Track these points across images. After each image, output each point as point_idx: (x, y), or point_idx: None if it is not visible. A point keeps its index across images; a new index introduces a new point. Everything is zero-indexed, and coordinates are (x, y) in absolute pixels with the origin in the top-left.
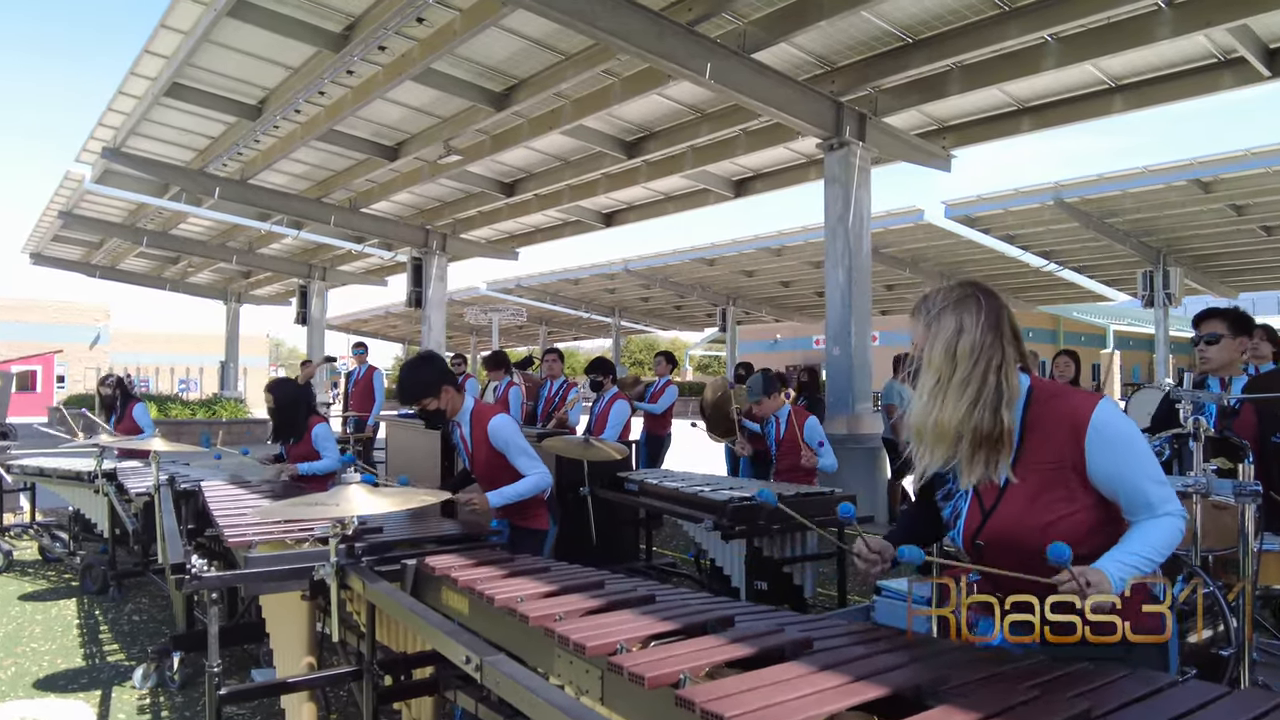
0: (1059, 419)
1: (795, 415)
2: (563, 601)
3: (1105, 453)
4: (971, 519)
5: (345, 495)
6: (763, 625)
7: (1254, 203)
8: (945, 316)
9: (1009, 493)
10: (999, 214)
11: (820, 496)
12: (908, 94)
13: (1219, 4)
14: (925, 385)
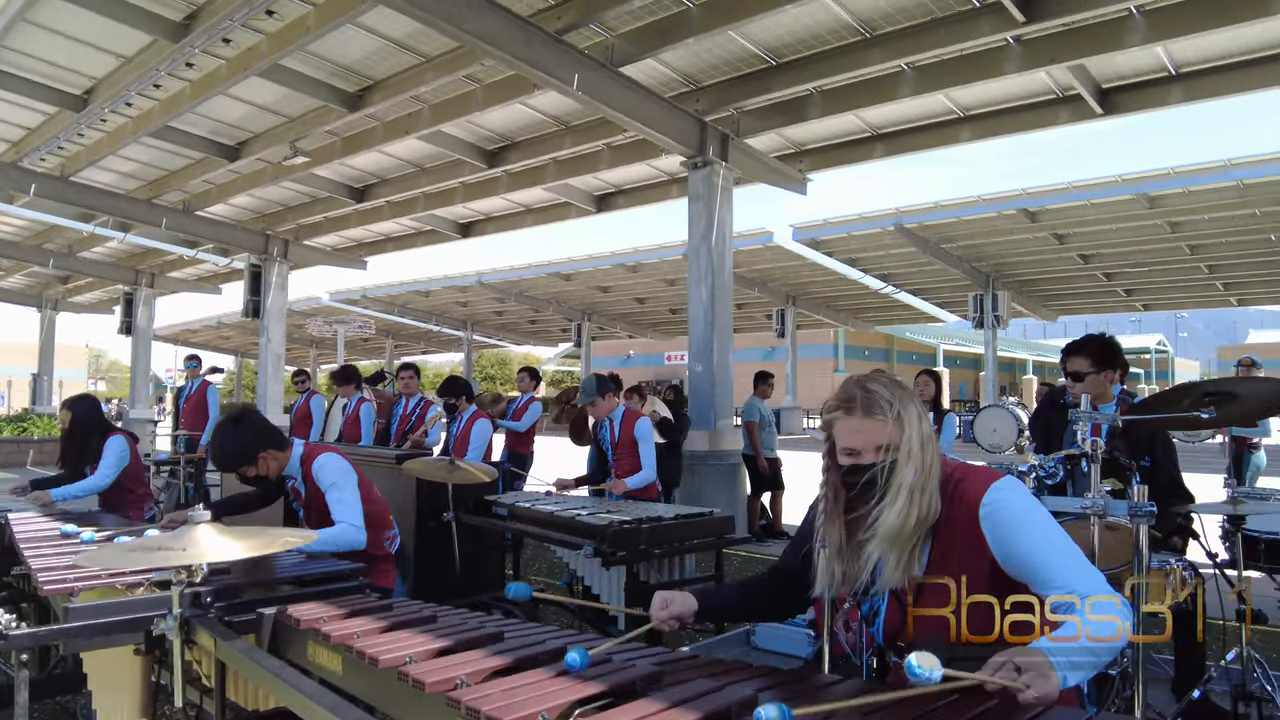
0: (958, 502)
1: (627, 415)
2: (461, 661)
3: (1003, 531)
4: (892, 618)
5: (193, 537)
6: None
7: (1074, 232)
8: (908, 406)
9: (930, 587)
10: (843, 238)
11: (702, 518)
12: (769, 116)
13: (1061, 43)
14: (906, 482)
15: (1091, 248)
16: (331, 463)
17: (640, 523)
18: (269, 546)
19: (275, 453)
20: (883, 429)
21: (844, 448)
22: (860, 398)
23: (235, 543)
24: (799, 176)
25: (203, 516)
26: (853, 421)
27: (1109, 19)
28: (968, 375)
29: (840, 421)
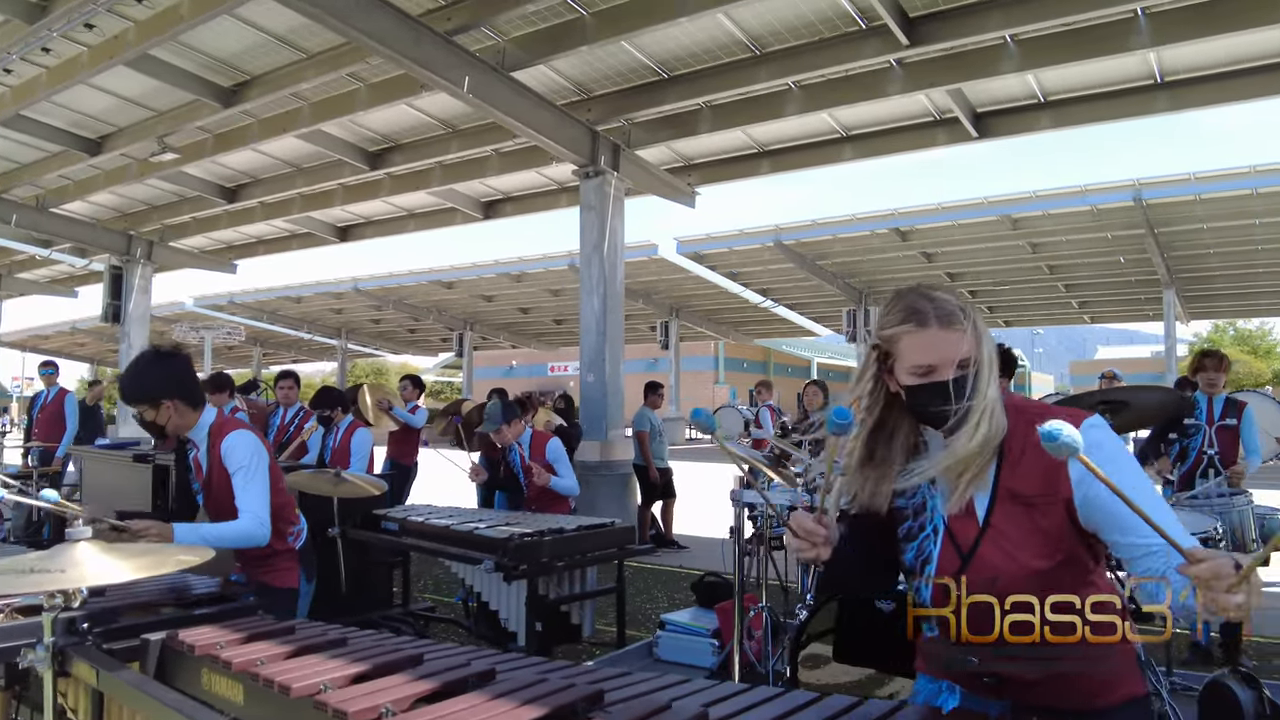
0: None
1: (536, 439)
2: (382, 687)
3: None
4: (946, 562)
5: (73, 557)
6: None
7: (942, 251)
8: (977, 315)
9: (994, 528)
10: (725, 252)
11: (604, 529)
12: (660, 129)
13: (941, 68)
14: (990, 397)
15: (958, 266)
16: (245, 443)
17: (542, 535)
18: (161, 566)
19: (184, 407)
20: (962, 340)
21: (916, 365)
22: (932, 309)
23: (122, 562)
24: (688, 190)
25: (83, 533)
26: (928, 334)
27: (986, 46)
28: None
29: (909, 336)
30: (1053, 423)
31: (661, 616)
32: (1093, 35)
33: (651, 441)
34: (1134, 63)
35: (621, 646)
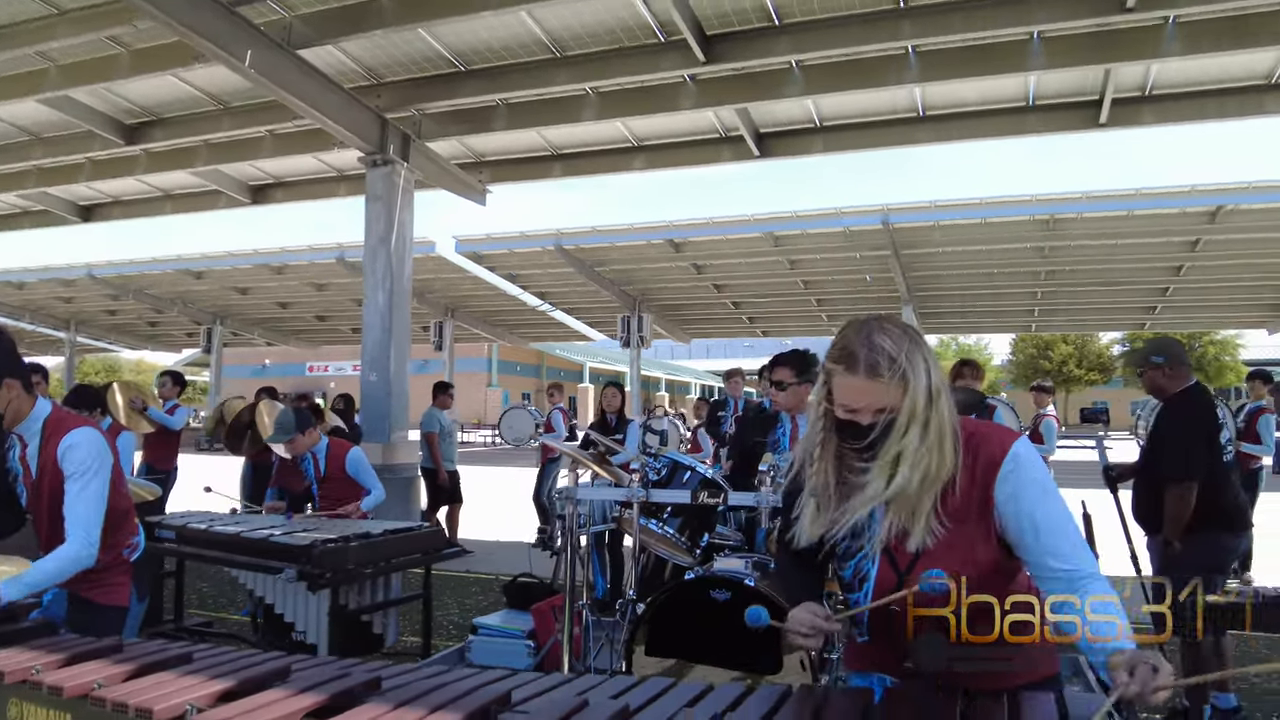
0: (976, 456)
1: (334, 450)
2: (262, 705)
3: (1017, 490)
4: (883, 581)
5: None
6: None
7: (710, 264)
8: (915, 356)
9: (931, 551)
10: (505, 254)
11: (412, 533)
12: (453, 122)
13: (731, 87)
14: (910, 446)
15: (724, 278)
16: (88, 442)
17: (348, 540)
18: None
19: (22, 391)
20: (884, 391)
21: (841, 404)
22: (864, 356)
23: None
24: (479, 187)
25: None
26: (852, 380)
27: (774, 69)
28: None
29: (839, 376)
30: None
31: (473, 621)
32: (868, 67)
33: (441, 443)
34: (902, 95)
35: (428, 655)
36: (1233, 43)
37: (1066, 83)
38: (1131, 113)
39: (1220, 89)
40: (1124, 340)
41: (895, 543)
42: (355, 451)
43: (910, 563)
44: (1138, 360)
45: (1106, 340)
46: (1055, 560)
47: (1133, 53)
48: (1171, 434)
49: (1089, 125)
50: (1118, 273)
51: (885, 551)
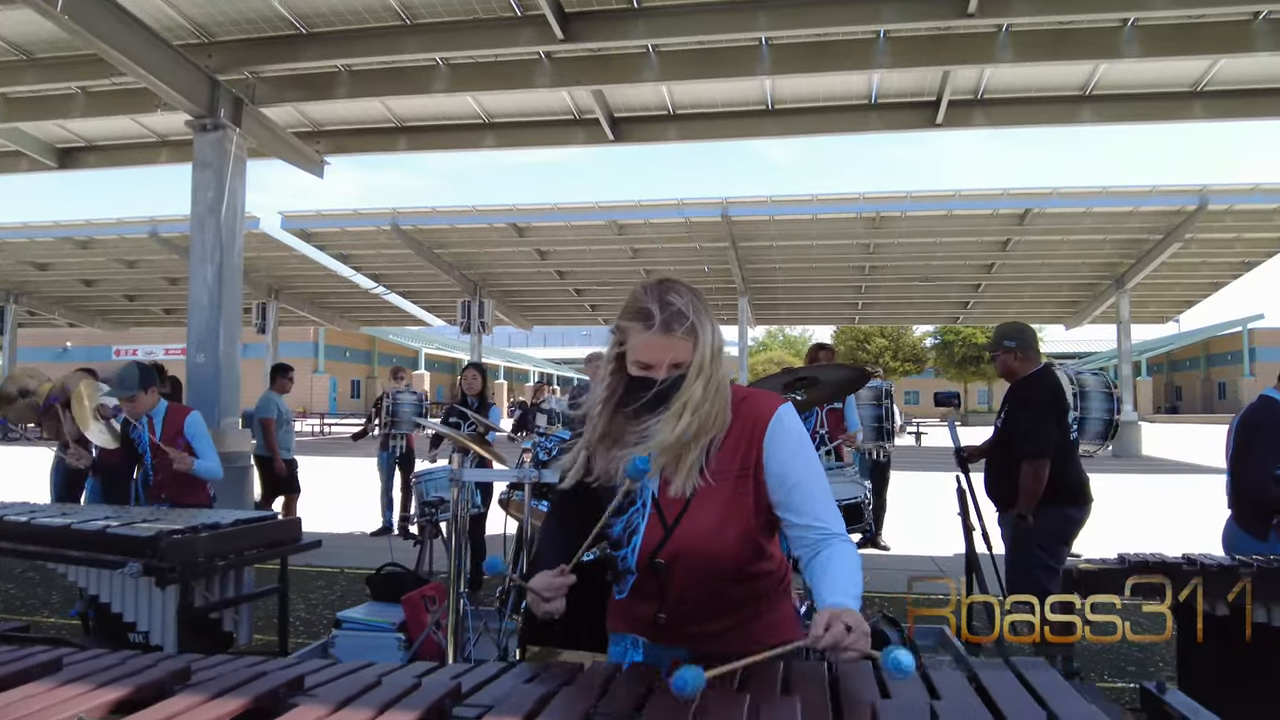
0: (743, 420)
1: (172, 413)
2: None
3: (783, 453)
4: (651, 534)
5: None
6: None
7: (555, 250)
8: (703, 317)
9: (696, 503)
10: (336, 232)
11: (265, 523)
12: (289, 88)
13: (588, 68)
14: (694, 398)
15: (567, 265)
16: None
17: (196, 531)
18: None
19: None
20: (679, 346)
21: (637, 360)
22: (658, 314)
23: None
24: (316, 158)
25: None
26: (649, 337)
27: (631, 53)
28: (445, 379)
29: (636, 334)
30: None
31: (337, 615)
32: (723, 56)
33: (278, 430)
34: (754, 87)
35: (285, 653)
36: (1055, 54)
37: (907, 83)
38: (965, 115)
39: (1042, 97)
40: (936, 334)
41: (664, 494)
42: (196, 415)
43: (678, 515)
44: (991, 345)
45: (920, 333)
46: (809, 519)
47: (970, 57)
48: (1025, 413)
49: (926, 125)
50: (935, 269)
51: (656, 505)
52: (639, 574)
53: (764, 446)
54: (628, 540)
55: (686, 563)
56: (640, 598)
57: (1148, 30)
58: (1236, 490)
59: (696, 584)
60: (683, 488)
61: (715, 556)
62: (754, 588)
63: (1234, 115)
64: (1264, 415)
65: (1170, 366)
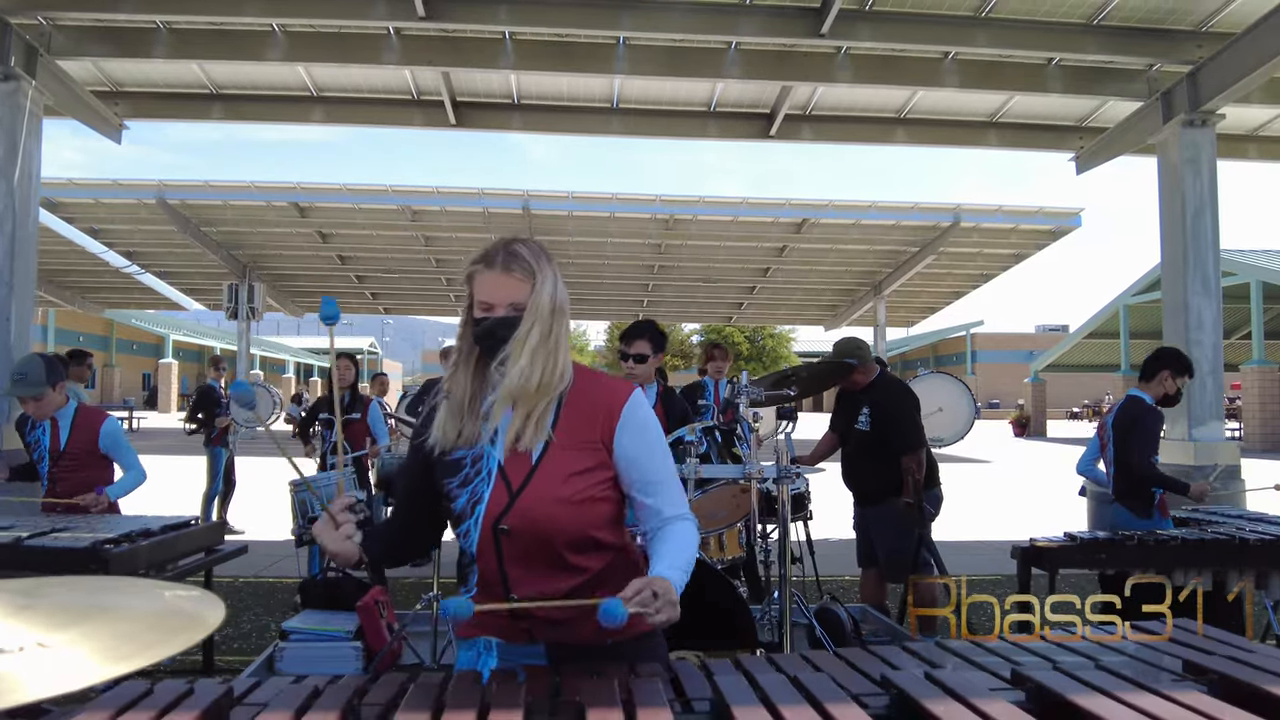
0: (594, 396)
1: (83, 416)
2: None
3: (636, 436)
4: (496, 501)
5: None
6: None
7: (339, 233)
8: (545, 266)
9: (543, 468)
10: (90, 204)
11: (190, 528)
12: (90, 41)
13: (438, 48)
14: (530, 341)
15: (352, 249)
16: None
17: (133, 540)
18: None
19: None
20: (518, 286)
21: (480, 300)
22: (502, 254)
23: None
24: (115, 121)
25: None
26: (490, 275)
27: (487, 38)
28: (193, 369)
29: (479, 275)
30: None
31: (283, 625)
32: (581, 51)
33: None
34: (602, 84)
35: (208, 670)
36: (884, 77)
37: (746, 94)
38: (795, 129)
39: (864, 117)
40: (702, 331)
41: (511, 463)
42: (113, 422)
43: (524, 481)
44: (834, 367)
45: (688, 330)
46: (653, 499)
47: (812, 74)
48: (901, 412)
49: (760, 136)
50: (718, 271)
51: (501, 472)
52: (480, 550)
53: (618, 426)
54: (471, 511)
55: (531, 528)
56: (486, 589)
57: (965, 64)
58: (1120, 476)
59: (540, 551)
60: (530, 442)
61: (561, 519)
62: (601, 563)
63: (1024, 145)
64: (1136, 411)
65: (904, 365)
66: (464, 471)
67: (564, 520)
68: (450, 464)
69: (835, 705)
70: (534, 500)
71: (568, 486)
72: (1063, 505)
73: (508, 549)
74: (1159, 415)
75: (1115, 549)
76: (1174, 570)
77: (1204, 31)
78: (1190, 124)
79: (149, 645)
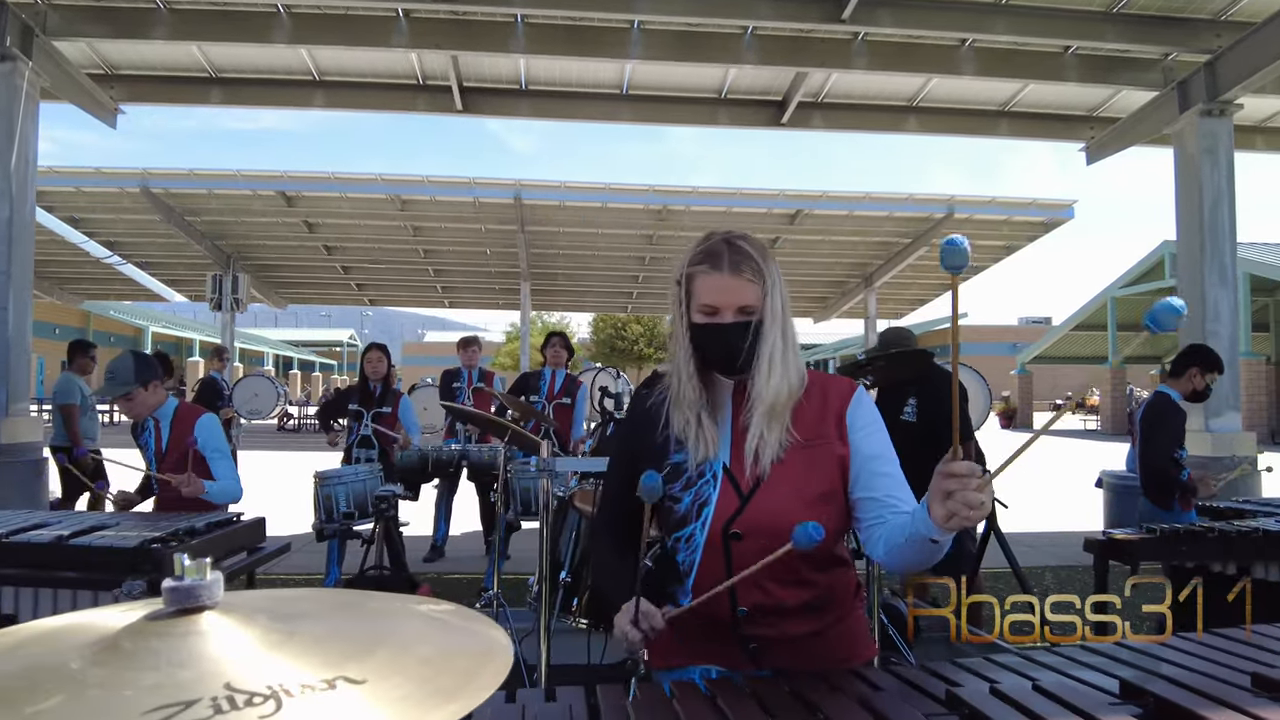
0: (824, 392)
1: (183, 414)
2: None
3: (868, 427)
4: (725, 503)
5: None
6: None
7: (325, 223)
8: (772, 265)
9: (776, 470)
10: (71, 192)
11: (234, 525)
12: (84, 21)
13: (448, 31)
14: (778, 351)
15: (338, 239)
16: None
17: (179, 538)
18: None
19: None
20: (746, 289)
21: (704, 304)
22: (727, 254)
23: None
24: (110, 105)
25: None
26: (716, 277)
27: (498, 21)
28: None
29: (703, 277)
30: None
31: None
32: (593, 35)
33: (81, 417)
34: (612, 70)
35: None
36: (900, 64)
37: (758, 81)
38: (806, 117)
39: (876, 105)
40: None
41: (737, 466)
42: (210, 419)
43: (753, 486)
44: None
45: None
46: (883, 494)
47: (828, 60)
48: (949, 403)
49: (771, 124)
50: None
51: (728, 474)
52: (705, 557)
53: (847, 421)
54: (697, 514)
55: (766, 531)
56: (703, 613)
57: (982, 51)
58: (1144, 471)
59: (775, 564)
60: (777, 451)
61: (796, 521)
62: (831, 581)
63: (1034, 135)
64: (1162, 408)
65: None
66: (686, 475)
67: (800, 518)
68: (671, 467)
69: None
70: (767, 505)
71: (804, 488)
72: (1053, 497)
73: (737, 555)
74: (1182, 411)
75: (1196, 541)
76: (1253, 563)
77: (1223, 20)
78: (1208, 114)
79: (471, 674)
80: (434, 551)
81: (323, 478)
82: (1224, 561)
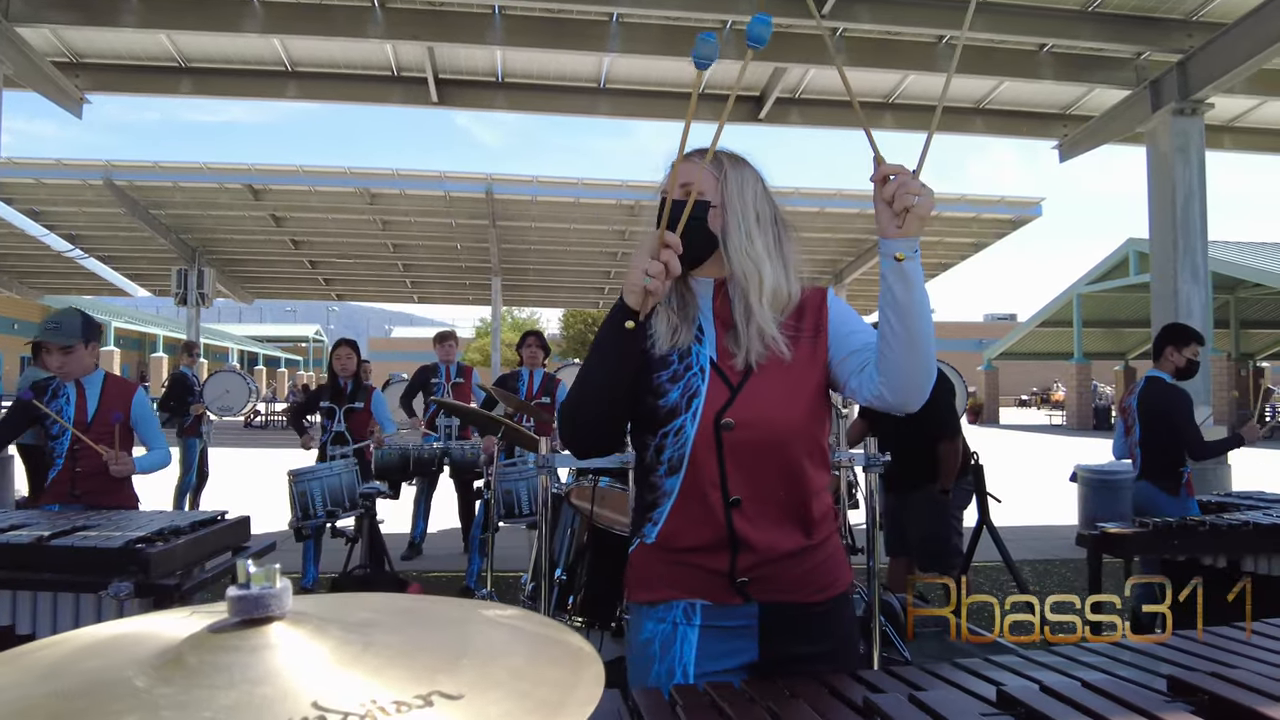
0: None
1: (111, 385)
2: None
3: (843, 315)
4: (715, 395)
5: None
6: None
7: (293, 217)
8: (742, 165)
9: (762, 365)
10: (30, 184)
11: (218, 523)
12: (50, 7)
13: (425, 22)
14: (744, 242)
15: (305, 233)
16: None
17: (164, 537)
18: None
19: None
20: (694, 170)
21: (667, 187)
22: (695, 149)
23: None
24: (76, 94)
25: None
26: (680, 165)
27: (475, 12)
28: (132, 357)
29: (675, 166)
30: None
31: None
32: (571, 28)
33: None
34: (589, 63)
35: None
36: (878, 61)
37: (735, 75)
38: (783, 112)
39: (850, 101)
40: None
41: (725, 359)
42: (144, 393)
43: (742, 378)
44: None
45: None
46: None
47: (808, 56)
48: (936, 398)
49: (749, 119)
50: None
51: (715, 367)
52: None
53: (827, 314)
54: (687, 405)
55: (754, 431)
56: (694, 499)
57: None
58: (1150, 457)
59: (766, 463)
60: (753, 351)
61: (785, 424)
62: (815, 492)
63: (1009, 132)
64: (1163, 393)
65: None
66: (673, 367)
67: (788, 422)
68: (656, 359)
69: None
70: (758, 391)
71: (791, 378)
72: (1026, 492)
73: (729, 445)
74: (1185, 394)
75: (1188, 535)
76: (1244, 557)
77: (1195, 21)
78: (1180, 113)
79: (568, 685)
80: (412, 549)
81: (297, 475)
82: (1215, 555)
